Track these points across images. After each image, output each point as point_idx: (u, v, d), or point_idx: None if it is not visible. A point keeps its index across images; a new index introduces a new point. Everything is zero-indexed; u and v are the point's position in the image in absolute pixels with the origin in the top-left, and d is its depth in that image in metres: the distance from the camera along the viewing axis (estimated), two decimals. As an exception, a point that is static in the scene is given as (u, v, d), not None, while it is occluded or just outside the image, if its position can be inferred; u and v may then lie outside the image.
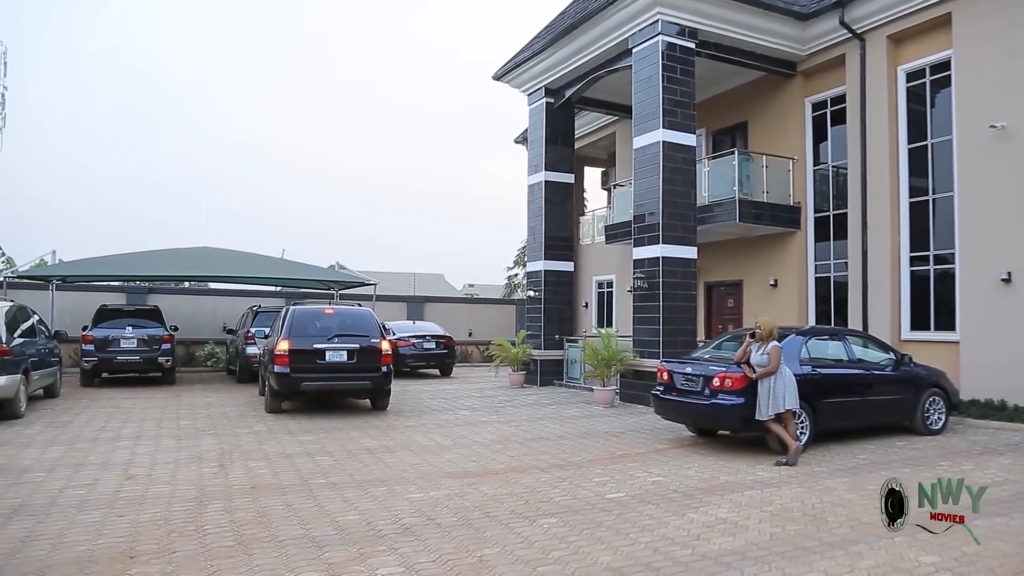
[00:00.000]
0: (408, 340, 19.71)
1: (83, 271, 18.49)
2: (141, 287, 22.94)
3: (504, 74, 18.78)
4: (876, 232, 13.70)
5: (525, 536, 5.46)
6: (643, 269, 14.22)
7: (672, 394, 9.55)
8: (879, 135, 13.72)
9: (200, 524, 5.72)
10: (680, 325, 13.90)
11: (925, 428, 10.12)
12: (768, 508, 6.30)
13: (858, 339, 10.61)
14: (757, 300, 16.08)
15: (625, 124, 18.95)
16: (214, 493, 6.72)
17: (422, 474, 7.68)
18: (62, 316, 18.96)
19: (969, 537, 5.12)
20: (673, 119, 13.94)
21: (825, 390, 9.25)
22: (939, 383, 10.48)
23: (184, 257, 18.95)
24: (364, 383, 12.16)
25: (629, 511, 6.20)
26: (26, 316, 12.72)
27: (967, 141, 12.31)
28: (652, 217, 14.06)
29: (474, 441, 9.77)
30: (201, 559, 4.91)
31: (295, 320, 12.15)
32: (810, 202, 15.68)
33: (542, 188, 18.19)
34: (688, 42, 14.13)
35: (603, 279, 21.81)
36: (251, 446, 9.19)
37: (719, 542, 5.33)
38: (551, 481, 7.35)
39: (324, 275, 20.36)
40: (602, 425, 11.33)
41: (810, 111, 15.83)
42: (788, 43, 15.07)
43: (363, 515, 6.02)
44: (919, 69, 13.51)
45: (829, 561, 4.91)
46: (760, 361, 8.41)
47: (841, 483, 7.27)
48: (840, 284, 14.97)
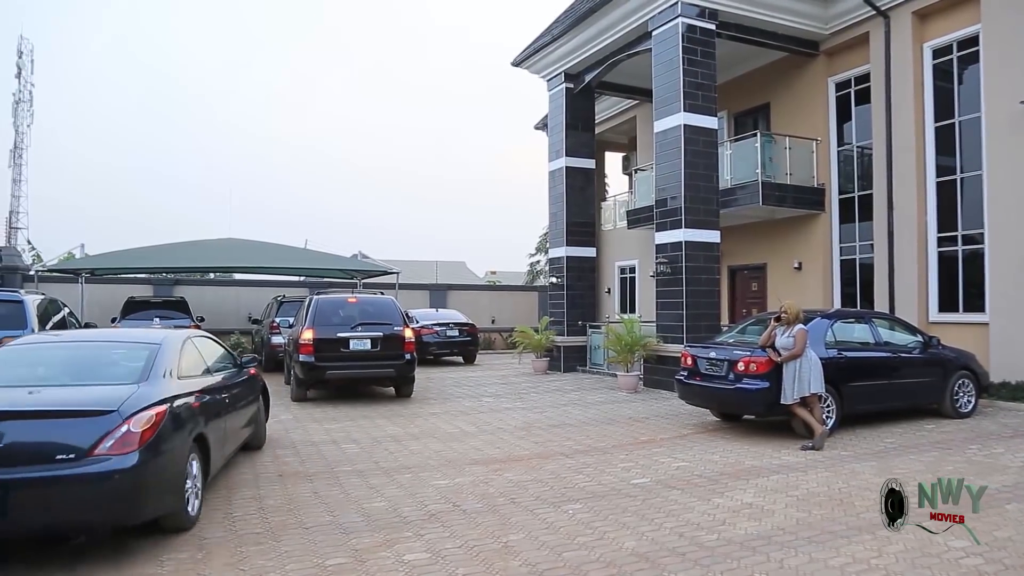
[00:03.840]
0: (431, 328, 19.79)
1: (111, 264, 18.79)
2: (167, 279, 23.26)
3: (523, 60, 18.69)
4: (902, 213, 13.49)
5: (550, 522, 5.48)
6: (666, 254, 14.13)
7: (696, 379, 9.51)
8: (904, 114, 13.47)
9: (228, 511, 5.81)
10: (703, 310, 13.81)
11: (954, 411, 9.99)
12: (794, 493, 6.27)
13: (885, 322, 10.46)
14: (781, 283, 15.93)
15: (646, 108, 18.79)
16: (242, 481, 6.82)
17: (447, 461, 7.73)
18: (91, 308, 19.27)
19: (1001, 521, 5.07)
20: (694, 102, 13.80)
21: (851, 373, 9.15)
22: (968, 365, 10.33)
23: (209, 249, 19.18)
24: (388, 371, 12.25)
25: (654, 496, 6.20)
26: (57, 309, 12.91)
27: (996, 118, 12.05)
28: (674, 201, 13.95)
29: (498, 428, 9.81)
30: (231, 545, 5.00)
31: (319, 309, 12.26)
32: (834, 183, 15.47)
33: (563, 174, 18.12)
34: (708, 23, 13.96)
35: (625, 264, 21.72)
36: (278, 434, 9.30)
37: (745, 527, 5.32)
38: (575, 467, 7.37)
39: (347, 264, 20.48)
40: (626, 411, 11.32)
41: (833, 91, 15.58)
42: (810, 22, 14.82)
43: (389, 502, 6.08)
44: (946, 45, 13.23)
45: (857, 546, 4.88)
46: (785, 344, 8.34)
47: (868, 467, 7.21)
48: (866, 266, 14.77)
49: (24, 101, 44.34)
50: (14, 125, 43.94)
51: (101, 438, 4.59)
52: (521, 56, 18.66)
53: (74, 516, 4.56)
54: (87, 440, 4.56)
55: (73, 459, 4.49)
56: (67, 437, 4.57)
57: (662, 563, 4.60)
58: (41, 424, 4.70)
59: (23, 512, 4.43)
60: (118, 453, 4.58)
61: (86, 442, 4.55)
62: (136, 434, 4.69)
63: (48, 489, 4.43)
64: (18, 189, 43.80)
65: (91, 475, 4.46)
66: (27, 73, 44.45)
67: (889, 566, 4.51)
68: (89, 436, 4.58)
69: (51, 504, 4.46)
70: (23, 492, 4.40)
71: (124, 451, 4.61)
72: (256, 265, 20.46)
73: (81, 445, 4.53)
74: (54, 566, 4.63)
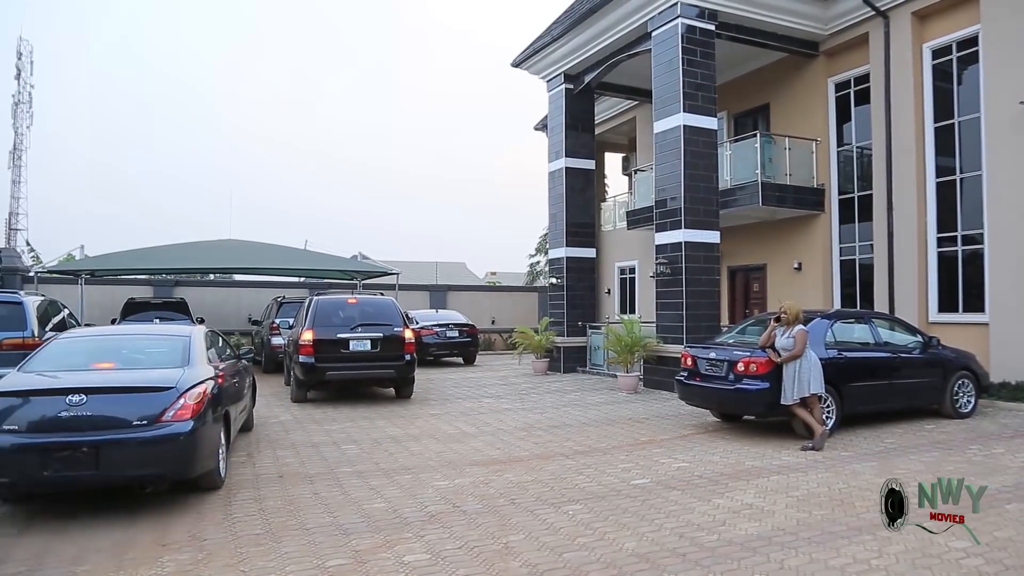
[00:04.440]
0: (431, 329, 19.79)
1: (111, 265, 18.77)
2: (167, 280, 23.27)
3: (523, 61, 18.69)
4: (902, 213, 13.49)
5: (550, 522, 5.48)
6: (665, 254, 14.14)
7: (696, 379, 9.52)
8: (904, 114, 13.48)
9: (229, 512, 5.82)
10: (703, 310, 13.82)
11: (954, 411, 9.99)
12: (794, 493, 6.27)
13: (885, 322, 10.46)
14: (781, 284, 15.93)
15: (645, 109, 18.80)
16: (242, 482, 6.82)
17: (447, 462, 7.73)
18: (91, 309, 19.29)
19: (1001, 521, 5.07)
20: (694, 102, 13.80)
21: (851, 374, 9.15)
22: (968, 366, 10.33)
23: (209, 250, 19.17)
24: (388, 371, 12.25)
25: (654, 497, 6.20)
26: (57, 310, 12.90)
27: (996, 118, 12.06)
28: (674, 202, 13.96)
29: (498, 428, 9.81)
30: (231, 547, 5.00)
31: (319, 310, 12.26)
32: (834, 184, 15.47)
33: (563, 175, 18.12)
34: (708, 24, 13.96)
35: (625, 265, 21.73)
36: (278, 435, 9.30)
37: (745, 527, 5.32)
38: (576, 468, 7.37)
39: (347, 265, 20.46)
40: (626, 411, 11.32)
41: (833, 91, 15.58)
42: (810, 23, 14.83)
43: (389, 503, 6.08)
44: (945, 46, 13.24)
45: (857, 546, 4.88)
46: (785, 345, 8.35)
47: (868, 468, 7.21)
48: (866, 267, 14.77)
49: (23, 102, 44.39)
50: (13, 126, 43.98)
51: (166, 408, 5.82)
52: (521, 57, 18.66)
53: (147, 470, 5.75)
54: (155, 410, 5.79)
55: (146, 424, 5.71)
56: (140, 408, 5.78)
57: (662, 564, 4.60)
58: (120, 397, 5.86)
59: (111, 466, 5.58)
60: (179, 420, 5.80)
61: (155, 411, 5.78)
62: (191, 406, 5.92)
63: (129, 448, 5.64)
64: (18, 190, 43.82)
65: (161, 437, 5.70)
66: (26, 74, 44.52)
67: (889, 566, 4.51)
68: (157, 407, 5.80)
69: (131, 460, 5.66)
70: (111, 450, 5.57)
71: (183, 418, 5.83)
72: (256, 266, 20.46)
73: (152, 413, 5.76)
74: (55, 565, 4.63)
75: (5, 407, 5.62)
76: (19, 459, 5.46)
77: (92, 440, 5.52)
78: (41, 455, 5.45)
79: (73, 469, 5.52)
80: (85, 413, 5.61)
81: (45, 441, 5.51)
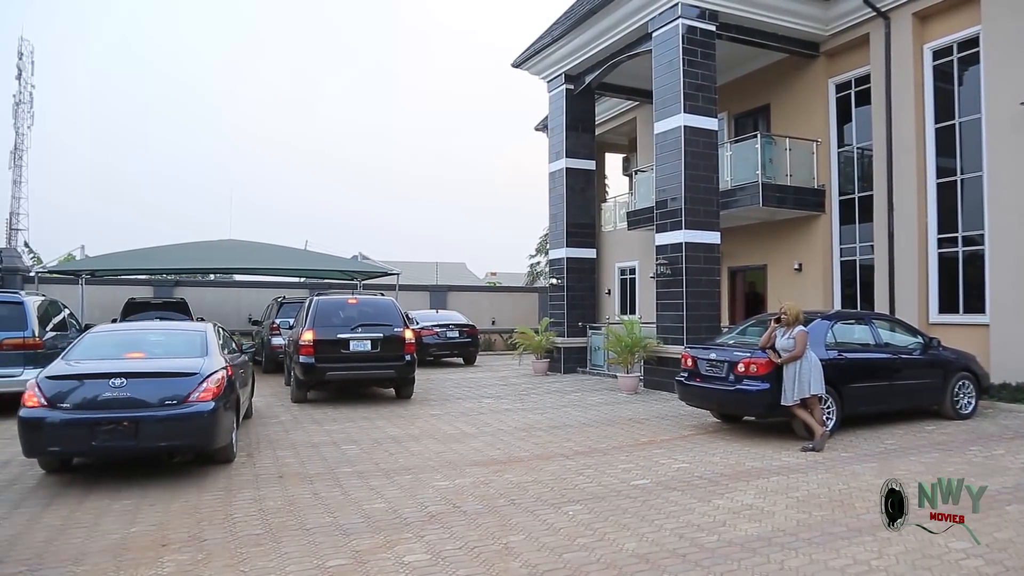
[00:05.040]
0: (431, 329, 19.79)
1: (111, 265, 18.80)
2: (168, 280, 23.28)
3: (523, 61, 18.69)
4: (902, 214, 13.49)
5: (550, 523, 5.48)
6: (666, 255, 14.13)
7: (696, 380, 9.51)
8: (905, 115, 13.47)
9: (229, 513, 5.81)
10: (704, 311, 13.81)
11: (955, 412, 9.98)
12: (794, 494, 6.27)
13: (885, 323, 10.46)
14: (782, 285, 15.93)
15: (646, 109, 18.80)
16: (242, 482, 6.82)
17: (447, 462, 7.73)
18: (91, 310, 19.30)
19: (1001, 523, 5.07)
20: (694, 103, 13.80)
21: (852, 375, 9.15)
22: (968, 367, 10.33)
23: (209, 250, 19.19)
24: (388, 372, 12.25)
25: (654, 498, 6.20)
26: (57, 310, 12.93)
27: (997, 119, 12.05)
28: (674, 202, 13.96)
29: (498, 429, 9.80)
30: (231, 547, 5.00)
31: (319, 310, 12.26)
32: (835, 185, 15.47)
33: (563, 175, 18.12)
34: (709, 25, 13.97)
35: (626, 265, 21.72)
36: (278, 435, 9.30)
37: (745, 528, 5.32)
38: (576, 468, 7.37)
39: (347, 265, 20.48)
40: (626, 412, 11.32)
41: (834, 92, 15.58)
42: (810, 23, 14.83)
43: (389, 503, 6.08)
44: (946, 47, 13.23)
45: (857, 547, 4.88)
46: (785, 346, 8.34)
47: (868, 468, 7.20)
48: (866, 267, 14.76)
49: (24, 102, 44.41)
50: (14, 126, 44.01)
51: (192, 391, 6.88)
52: (521, 57, 18.66)
53: (176, 441, 6.82)
54: (183, 392, 6.86)
55: (176, 404, 6.79)
56: (171, 390, 6.86)
57: (662, 564, 4.60)
58: (154, 381, 6.93)
59: (147, 438, 6.63)
60: (203, 400, 6.88)
61: (183, 393, 6.85)
62: (212, 389, 7.01)
63: (162, 423, 6.68)
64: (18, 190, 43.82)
65: (188, 414, 6.78)
66: (27, 74, 44.55)
67: (889, 567, 4.51)
68: (184, 389, 6.87)
69: (164, 433, 6.69)
70: (147, 425, 6.63)
71: (206, 399, 6.90)
72: (256, 266, 20.48)
73: (180, 395, 6.84)
74: (55, 565, 4.63)
75: (58, 389, 6.68)
76: (70, 432, 6.53)
77: (132, 416, 6.60)
78: (89, 428, 6.50)
79: (116, 440, 6.58)
80: (126, 394, 6.67)
81: (93, 417, 6.54)
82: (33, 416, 6.52)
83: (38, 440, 6.60)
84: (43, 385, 6.72)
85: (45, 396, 6.62)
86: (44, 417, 6.52)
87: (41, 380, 6.81)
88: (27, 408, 6.59)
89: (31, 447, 6.64)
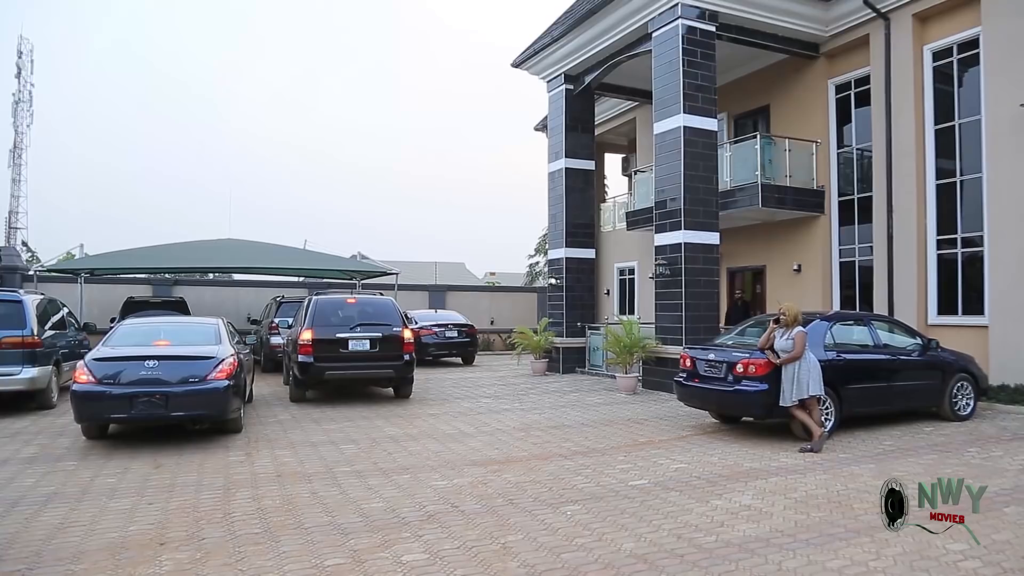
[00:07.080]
0: (430, 329, 19.77)
1: (110, 264, 18.78)
2: (167, 279, 23.25)
3: (523, 61, 18.69)
4: (902, 215, 13.49)
5: (548, 523, 5.48)
6: (665, 255, 14.13)
7: (695, 381, 9.51)
8: (904, 116, 13.48)
9: (227, 511, 5.81)
10: (703, 311, 13.81)
11: (953, 414, 9.99)
12: (792, 495, 6.27)
13: (884, 324, 10.47)
14: (781, 285, 15.93)
15: (645, 109, 18.80)
16: (241, 481, 6.82)
17: (445, 462, 7.73)
18: (90, 308, 19.27)
19: (1000, 524, 5.07)
20: (694, 104, 13.80)
21: (850, 376, 9.15)
22: (967, 368, 10.33)
23: (208, 249, 19.17)
24: (387, 371, 12.25)
25: (652, 498, 6.20)
26: (56, 309, 12.93)
27: (996, 120, 12.05)
28: (674, 203, 13.96)
29: (497, 429, 9.80)
30: (229, 546, 4.99)
31: (318, 310, 12.26)
32: (834, 186, 15.46)
33: (563, 175, 18.12)
34: (709, 25, 13.97)
35: (625, 266, 21.72)
36: (276, 434, 9.30)
37: (743, 529, 5.32)
38: (574, 468, 7.37)
39: (346, 265, 20.47)
40: (625, 412, 11.32)
41: (833, 93, 15.57)
42: (811, 24, 14.83)
43: (387, 502, 6.08)
44: (946, 48, 13.24)
45: (855, 548, 4.88)
46: (784, 347, 8.34)
47: (867, 469, 7.21)
48: (865, 268, 14.76)
49: (24, 101, 44.40)
50: (13, 125, 43.99)
51: (210, 371, 8.56)
52: (521, 57, 18.66)
53: (198, 411, 8.50)
54: (204, 372, 8.54)
55: (197, 381, 8.46)
56: (193, 370, 8.56)
57: (660, 565, 4.60)
58: (180, 363, 8.59)
59: (175, 408, 8.29)
60: (219, 379, 8.55)
61: (203, 373, 8.53)
62: (226, 370, 8.67)
63: (187, 396, 8.36)
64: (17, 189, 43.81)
65: (208, 390, 8.46)
66: (27, 73, 44.54)
67: (887, 568, 4.51)
68: (204, 370, 8.56)
69: (188, 404, 8.37)
70: (176, 398, 8.29)
71: (221, 378, 8.57)
72: (255, 265, 20.45)
73: (201, 374, 8.51)
74: (53, 563, 4.62)
75: (105, 369, 8.32)
76: (114, 402, 8.16)
77: (163, 391, 8.24)
78: (130, 399, 8.14)
79: (150, 409, 8.18)
80: (158, 374, 8.29)
81: (132, 391, 8.16)
82: (84, 390, 8.15)
83: (87, 409, 8.23)
84: (91, 365, 8.34)
85: (93, 374, 8.23)
86: (93, 391, 8.14)
87: (89, 361, 8.43)
88: (79, 383, 8.21)
89: (81, 415, 8.30)
